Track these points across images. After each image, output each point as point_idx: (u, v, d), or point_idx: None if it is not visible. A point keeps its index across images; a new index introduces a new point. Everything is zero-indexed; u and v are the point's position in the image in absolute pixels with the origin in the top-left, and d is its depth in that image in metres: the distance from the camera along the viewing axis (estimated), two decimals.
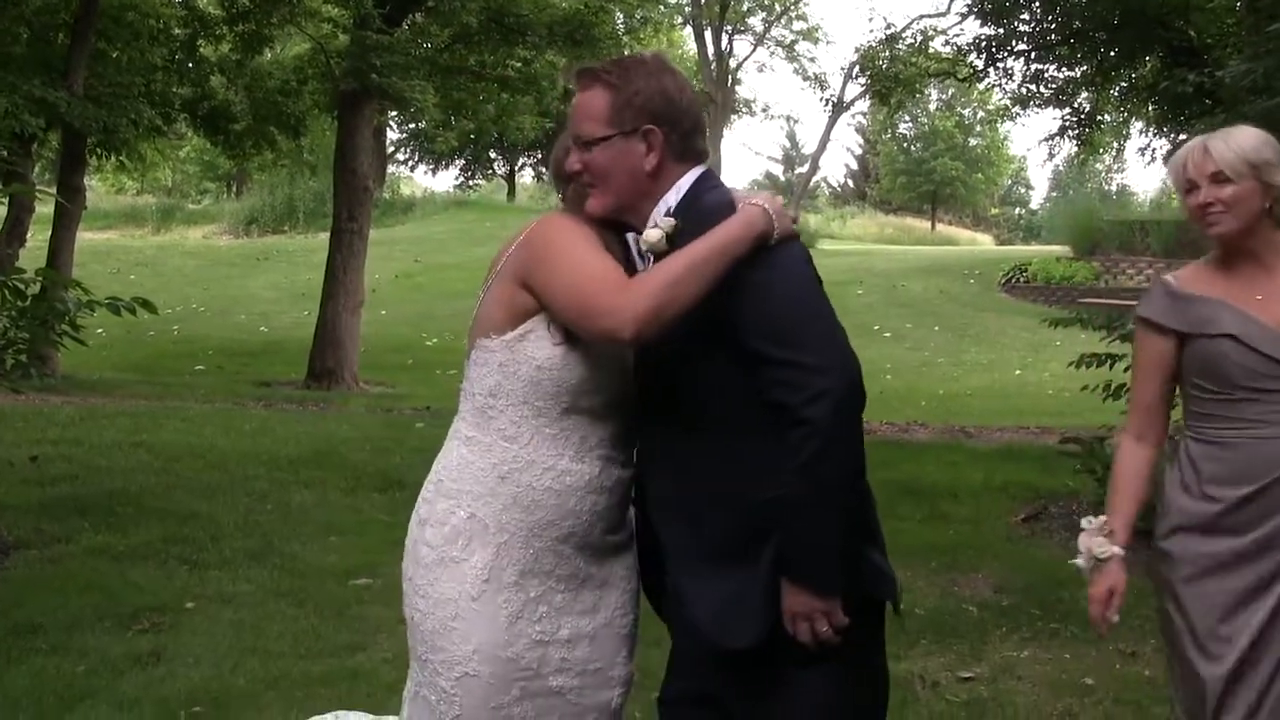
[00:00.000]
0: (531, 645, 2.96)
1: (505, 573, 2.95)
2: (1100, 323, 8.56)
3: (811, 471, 2.69)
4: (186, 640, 6.13)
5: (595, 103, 2.88)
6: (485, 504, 2.95)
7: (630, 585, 3.13)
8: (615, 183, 2.89)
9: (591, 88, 2.90)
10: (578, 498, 2.96)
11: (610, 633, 3.08)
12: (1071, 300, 26.46)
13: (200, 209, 47.74)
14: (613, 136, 2.86)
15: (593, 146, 2.88)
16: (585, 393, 2.94)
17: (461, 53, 19.80)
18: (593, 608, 3.05)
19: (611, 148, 2.86)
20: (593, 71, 2.91)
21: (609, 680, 3.08)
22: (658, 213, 2.90)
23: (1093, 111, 17.84)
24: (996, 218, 73.29)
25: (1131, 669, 6.06)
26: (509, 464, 2.95)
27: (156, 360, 20.52)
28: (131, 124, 17.24)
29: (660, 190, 2.91)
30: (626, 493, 3.07)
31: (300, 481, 9.83)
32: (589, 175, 2.91)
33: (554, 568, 2.98)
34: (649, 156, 2.88)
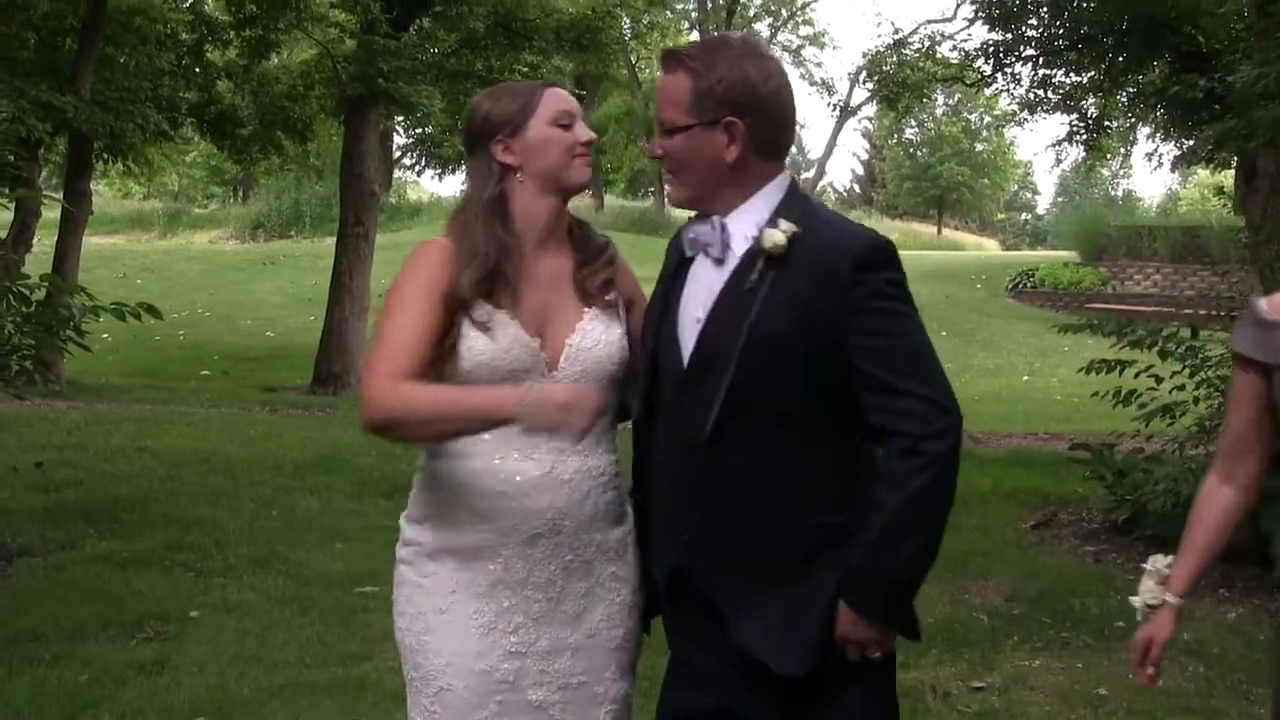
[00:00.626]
0: (507, 656, 2.89)
1: (474, 583, 2.90)
2: (1110, 329, 8.52)
3: (918, 503, 2.63)
4: (191, 649, 6.10)
5: (677, 89, 2.78)
6: (448, 520, 2.93)
7: (621, 597, 3.01)
8: (695, 173, 2.80)
9: (674, 72, 2.79)
10: (532, 498, 2.88)
11: (596, 645, 2.97)
12: (1079, 306, 26.44)
13: (206, 214, 47.76)
14: (693, 126, 2.76)
15: (674, 134, 2.79)
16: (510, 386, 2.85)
17: (468, 58, 19.76)
18: (575, 618, 2.95)
19: (692, 137, 2.76)
20: (676, 55, 2.80)
21: (595, 697, 2.97)
22: (755, 214, 2.77)
23: (1100, 117, 17.75)
24: (1003, 223, 73.17)
25: None
26: (461, 476, 2.91)
27: (162, 365, 20.50)
28: (138, 129, 17.21)
29: (745, 184, 2.80)
30: (598, 486, 2.95)
31: (306, 488, 9.80)
32: (669, 163, 2.83)
33: (527, 575, 2.90)
34: (730, 148, 2.76)
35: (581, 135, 2.96)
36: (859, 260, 2.68)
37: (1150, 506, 8.27)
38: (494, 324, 2.87)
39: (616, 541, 3.02)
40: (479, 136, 2.97)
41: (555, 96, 2.96)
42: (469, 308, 2.87)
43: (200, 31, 18.92)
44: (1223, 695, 5.80)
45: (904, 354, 2.68)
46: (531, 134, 2.93)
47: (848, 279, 2.66)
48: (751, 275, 2.73)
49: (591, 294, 2.97)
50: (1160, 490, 8.26)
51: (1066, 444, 10.92)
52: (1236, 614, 7.08)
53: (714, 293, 2.78)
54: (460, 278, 2.87)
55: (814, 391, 2.70)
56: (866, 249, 2.71)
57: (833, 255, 2.69)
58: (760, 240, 2.72)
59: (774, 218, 2.75)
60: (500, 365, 2.86)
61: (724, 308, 2.75)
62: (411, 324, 2.85)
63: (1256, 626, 6.85)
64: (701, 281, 2.82)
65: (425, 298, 2.87)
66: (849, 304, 2.66)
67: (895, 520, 2.64)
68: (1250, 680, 5.98)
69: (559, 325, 2.93)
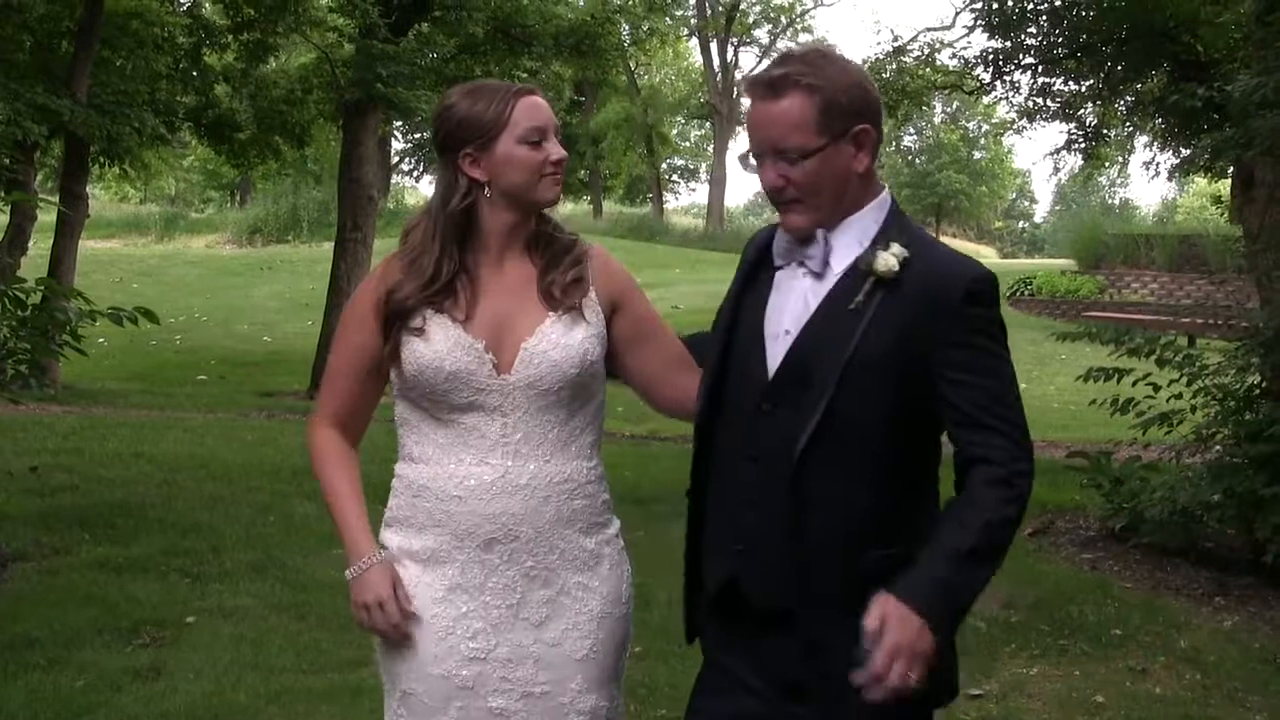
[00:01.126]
0: (465, 662, 2.88)
1: (432, 588, 2.90)
2: (1108, 337, 8.53)
3: (1001, 530, 2.58)
4: (187, 655, 6.08)
5: (798, 111, 2.62)
6: (408, 526, 2.96)
7: (589, 607, 2.96)
8: (826, 195, 2.67)
9: (787, 95, 2.63)
10: (485, 502, 2.87)
11: (561, 655, 2.92)
12: (1077, 314, 26.43)
13: (204, 218, 47.72)
14: (826, 146, 2.63)
15: (803, 160, 2.64)
16: (456, 388, 2.87)
17: (467, 63, 19.75)
18: (538, 626, 2.92)
19: (824, 157, 2.64)
20: (784, 78, 2.63)
21: (561, 708, 2.92)
22: (859, 231, 2.70)
23: (1099, 125, 17.78)
24: (1000, 231, 73.32)
25: (1142, 687, 6.01)
26: (420, 483, 2.94)
27: (158, 370, 20.48)
28: (135, 132, 17.20)
29: (860, 196, 2.72)
30: (561, 493, 2.92)
31: (303, 493, 9.77)
32: (795, 191, 2.67)
33: (484, 580, 2.89)
34: (859, 157, 2.67)
35: (552, 154, 2.92)
36: (970, 293, 2.64)
37: (1147, 514, 8.28)
38: (431, 327, 2.89)
39: (586, 551, 2.97)
40: (449, 142, 2.94)
41: (528, 109, 2.91)
42: (408, 317, 2.90)
43: (198, 35, 18.93)
44: (1219, 703, 5.80)
45: (999, 393, 2.64)
46: (500, 150, 2.89)
47: (955, 309, 2.61)
48: (857, 296, 2.64)
49: (556, 298, 2.94)
50: (1157, 498, 8.27)
51: (1064, 452, 10.93)
52: (1232, 622, 7.07)
53: (809, 307, 2.70)
54: (399, 290, 2.92)
55: (901, 420, 2.64)
56: (979, 282, 2.66)
57: (945, 284, 2.63)
58: (873, 263, 2.63)
59: (882, 238, 2.68)
60: (441, 368, 2.86)
61: (823, 324, 2.67)
62: (342, 360, 3.06)
63: (1252, 635, 6.85)
64: (793, 293, 2.73)
65: (356, 325, 3.01)
66: (949, 334, 2.61)
67: (978, 539, 2.56)
68: (1246, 688, 5.99)
69: (517, 330, 2.91)
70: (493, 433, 2.89)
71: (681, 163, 61.25)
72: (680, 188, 64.21)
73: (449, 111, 2.95)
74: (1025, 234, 77.05)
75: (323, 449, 3.04)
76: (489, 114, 2.89)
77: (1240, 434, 7.97)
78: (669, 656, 5.92)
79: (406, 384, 2.92)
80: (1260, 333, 8.02)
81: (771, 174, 2.68)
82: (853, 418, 2.62)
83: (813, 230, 2.70)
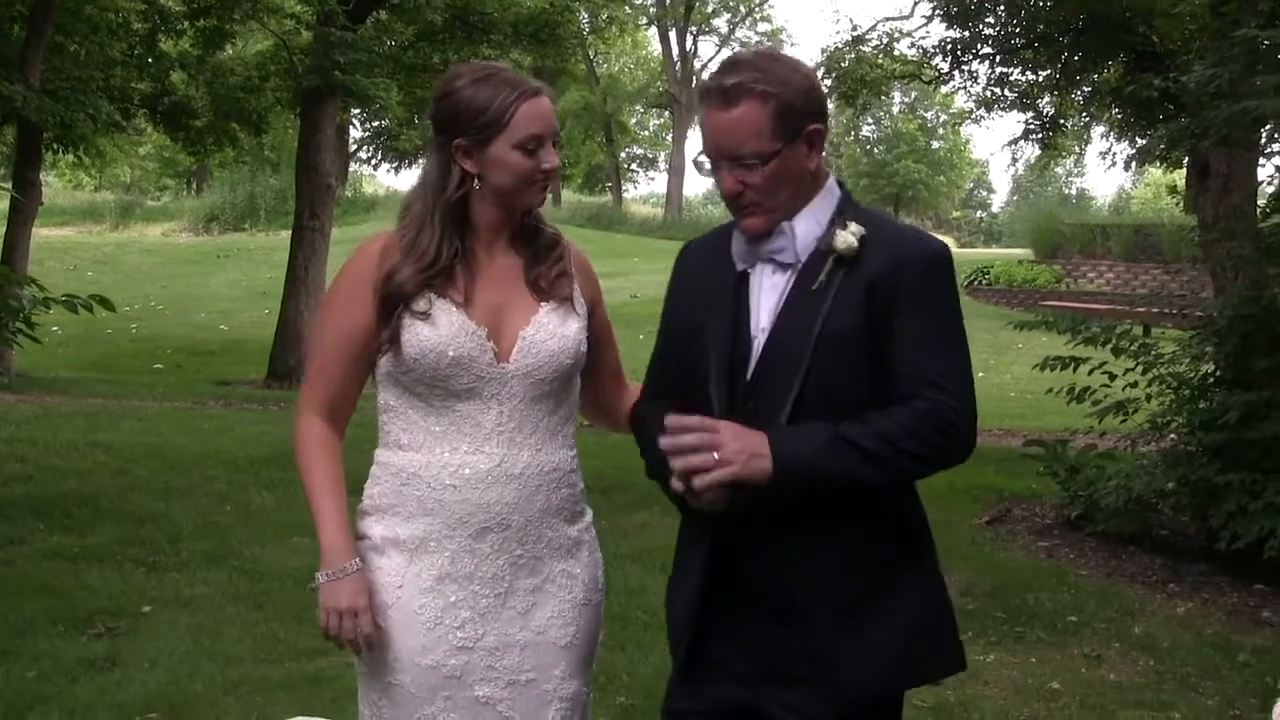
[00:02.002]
0: (453, 651, 2.87)
1: (420, 578, 2.88)
2: (1064, 326, 8.58)
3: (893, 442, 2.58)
4: (143, 645, 6.04)
5: (753, 118, 2.66)
6: (394, 514, 2.92)
7: (572, 594, 2.98)
8: (781, 196, 2.72)
9: (741, 103, 2.67)
10: (480, 490, 2.87)
11: (545, 643, 2.94)
12: (1033, 303, 26.62)
13: (160, 206, 47.34)
14: (783, 149, 2.68)
15: (762, 165, 2.68)
16: (456, 374, 2.85)
17: (425, 51, 19.68)
18: (524, 615, 2.92)
19: (782, 160, 2.69)
20: (737, 87, 2.67)
21: (544, 695, 2.94)
22: (816, 216, 2.75)
23: (1056, 115, 17.89)
24: (958, 220, 73.61)
25: (1097, 673, 6.06)
26: (407, 471, 2.90)
27: (114, 359, 20.32)
28: (89, 119, 17.00)
29: (814, 188, 2.78)
30: (551, 482, 2.93)
31: (261, 482, 9.73)
32: (753, 195, 2.71)
33: (474, 569, 2.88)
34: (811, 155, 2.75)
35: (544, 163, 2.89)
36: (929, 266, 2.70)
37: (1103, 503, 8.35)
38: (436, 312, 2.85)
39: (569, 539, 2.99)
40: (445, 127, 2.91)
41: (530, 115, 2.87)
42: (410, 300, 2.86)
43: (153, 21, 18.71)
44: (1172, 688, 5.86)
45: (952, 361, 2.69)
46: (494, 152, 2.86)
47: (915, 281, 2.67)
48: (819, 276, 2.70)
49: (544, 290, 2.95)
50: (1113, 486, 8.34)
51: (1021, 440, 11.01)
52: (1186, 608, 7.15)
53: (782, 297, 2.75)
54: (399, 271, 2.87)
55: (877, 394, 2.66)
56: (937, 255, 2.73)
57: (905, 257, 2.69)
58: (833, 242, 2.70)
59: (838, 219, 2.74)
60: (444, 352, 2.83)
61: (792, 310, 2.72)
62: (333, 343, 2.95)
63: (1205, 621, 6.93)
64: (772, 290, 2.77)
65: (349, 308, 2.92)
66: (909, 304, 2.66)
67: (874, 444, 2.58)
68: (1199, 674, 6.05)
69: (513, 319, 2.91)
70: (488, 421, 2.88)
71: (640, 152, 61.22)
72: (639, 176, 64.20)
73: (451, 97, 2.90)
74: (983, 223, 77.43)
75: (310, 443, 2.95)
76: (490, 114, 2.85)
77: (1194, 422, 8.05)
78: (626, 644, 5.94)
79: (403, 368, 2.87)
80: (1214, 322, 8.09)
81: (729, 180, 2.72)
82: (828, 393, 2.66)
83: (770, 230, 2.75)
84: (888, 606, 2.71)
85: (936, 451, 2.63)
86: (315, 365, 3.02)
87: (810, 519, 2.67)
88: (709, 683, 2.83)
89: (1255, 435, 7.35)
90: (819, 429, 2.60)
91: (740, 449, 2.56)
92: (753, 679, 2.77)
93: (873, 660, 2.68)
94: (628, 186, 61.25)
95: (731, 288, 2.80)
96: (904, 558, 2.76)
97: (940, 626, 2.81)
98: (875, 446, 2.58)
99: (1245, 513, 7.29)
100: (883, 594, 2.71)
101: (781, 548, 2.71)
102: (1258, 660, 6.24)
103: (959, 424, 2.64)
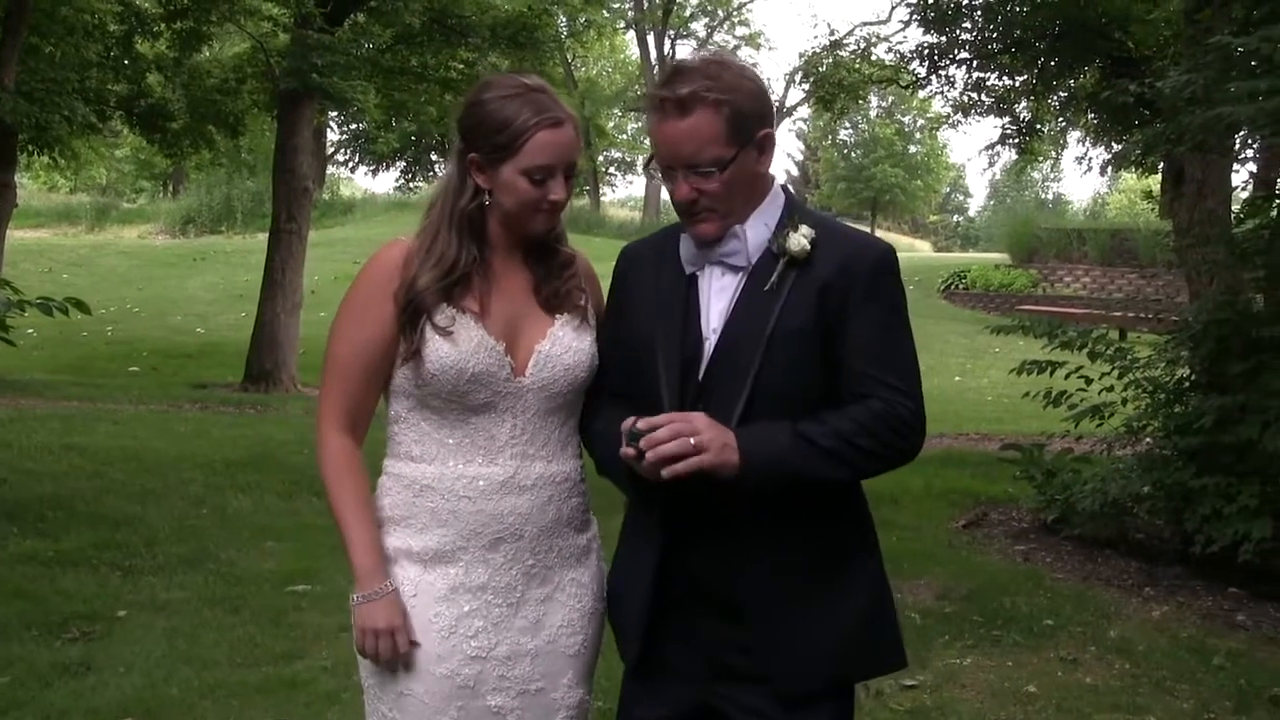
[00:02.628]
0: (467, 661, 2.87)
1: (434, 587, 2.88)
2: (1041, 330, 8.62)
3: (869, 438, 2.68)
4: (118, 649, 6.01)
5: (707, 126, 2.71)
6: (407, 526, 2.91)
7: (582, 603, 3.00)
8: (735, 200, 2.78)
9: (693, 112, 2.71)
10: (494, 502, 2.88)
11: (555, 651, 2.95)
12: (1010, 307, 26.76)
13: (136, 208, 47.17)
14: (736, 155, 2.73)
15: (719, 171, 2.73)
16: (474, 390, 2.85)
17: (403, 53, 19.64)
18: (535, 624, 2.93)
19: (736, 165, 2.74)
20: (691, 96, 2.70)
21: (553, 703, 2.95)
22: (764, 219, 2.80)
23: (1032, 120, 17.97)
24: (935, 225, 73.92)
25: (1073, 676, 6.08)
26: (420, 483, 2.90)
27: (90, 361, 20.20)
28: (65, 120, 16.93)
29: (762, 191, 2.84)
30: (562, 492, 2.95)
31: (237, 486, 9.70)
32: (708, 201, 2.76)
33: (488, 580, 2.89)
34: (762, 159, 2.80)
35: (551, 194, 2.87)
36: (877, 266, 2.77)
37: (1079, 506, 8.38)
38: (457, 328, 2.85)
39: (579, 548, 3.01)
40: (467, 137, 2.91)
41: (543, 145, 2.84)
42: (431, 312, 2.84)
43: (129, 23, 18.64)
44: (1148, 692, 5.89)
45: (900, 359, 2.76)
46: (503, 175, 2.86)
47: (865, 282, 2.73)
48: (771, 278, 2.76)
49: (557, 304, 2.96)
50: (1089, 490, 8.38)
51: (998, 444, 11.05)
52: (1161, 612, 7.18)
53: (733, 298, 2.80)
54: (419, 280, 2.85)
55: (828, 392, 2.74)
56: (884, 256, 2.80)
57: (854, 258, 2.76)
58: (785, 244, 2.76)
59: (787, 222, 2.80)
60: (465, 369, 2.83)
61: (744, 311, 2.77)
62: (353, 355, 2.91)
63: (1180, 624, 6.96)
64: (727, 293, 2.81)
65: (368, 318, 2.89)
66: (858, 304, 2.72)
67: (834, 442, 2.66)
68: (1174, 677, 6.08)
69: (528, 332, 2.92)
70: (502, 434, 2.89)
71: (618, 155, 61.21)
72: (617, 180, 64.18)
73: (476, 107, 2.89)
74: (960, 228, 77.76)
75: (338, 462, 2.91)
76: (504, 135, 2.84)
77: (1170, 426, 8.09)
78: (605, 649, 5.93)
79: (420, 381, 2.85)
80: (1189, 326, 8.13)
81: (684, 188, 2.76)
82: (779, 391, 2.72)
83: (723, 235, 2.80)
84: (833, 603, 2.78)
85: (891, 450, 2.73)
86: (334, 377, 2.94)
87: (758, 516, 2.73)
88: (664, 686, 2.87)
89: (1230, 439, 7.38)
90: (781, 428, 2.66)
91: (714, 438, 2.61)
92: (704, 677, 2.83)
93: (818, 656, 2.75)
94: (606, 190, 61.27)
95: (681, 291, 2.84)
96: (849, 555, 2.83)
97: (884, 623, 2.88)
98: (834, 444, 2.66)
99: (1220, 516, 7.33)
100: (828, 590, 2.78)
101: (729, 545, 2.76)
102: (1232, 664, 6.27)
103: (913, 424, 2.74)
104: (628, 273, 2.98)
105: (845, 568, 2.81)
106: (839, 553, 2.81)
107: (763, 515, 2.72)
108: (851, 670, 2.85)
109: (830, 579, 2.79)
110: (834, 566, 2.80)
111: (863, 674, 2.92)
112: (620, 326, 2.95)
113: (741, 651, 2.78)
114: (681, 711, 2.86)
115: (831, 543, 2.80)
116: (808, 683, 2.75)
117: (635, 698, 2.93)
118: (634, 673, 2.93)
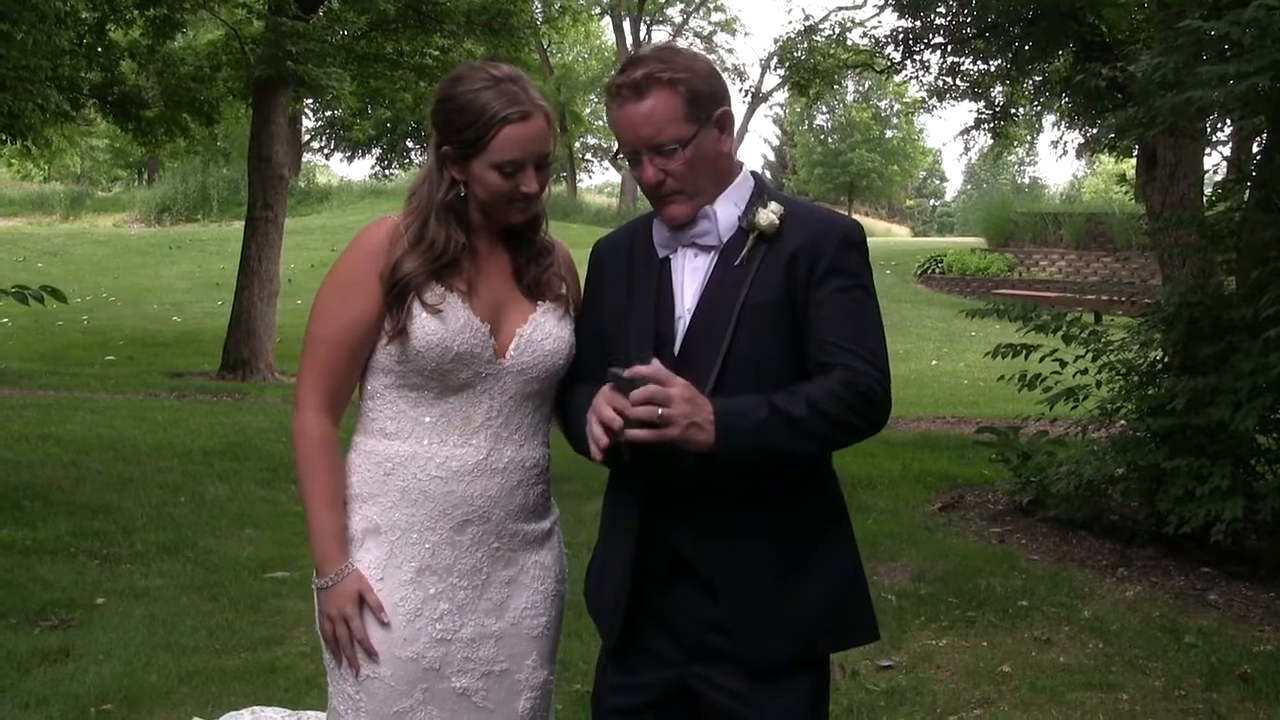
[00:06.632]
0: (433, 643, 2.89)
1: (400, 570, 2.89)
2: (1016, 314, 8.65)
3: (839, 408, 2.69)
4: (97, 636, 6.02)
5: (665, 106, 2.77)
6: (375, 504, 2.92)
7: (544, 585, 3.03)
8: (700, 180, 2.83)
9: (652, 93, 2.76)
10: (466, 483, 2.90)
11: (518, 633, 2.98)
12: (986, 291, 26.83)
13: (111, 196, 46.92)
14: (696, 133, 2.78)
15: (680, 150, 2.78)
16: (456, 369, 2.87)
17: (378, 40, 19.57)
18: (499, 606, 2.96)
19: (697, 144, 2.79)
20: (647, 78, 2.76)
21: (516, 685, 2.98)
22: (733, 199, 2.86)
23: (1007, 105, 17.99)
24: (912, 209, 73.99)
25: (1047, 656, 6.14)
26: (392, 460, 2.91)
27: (65, 350, 20.11)
28: (38, 109, 16.80)
29: (730, 171, 2.90)
30: (531, 478, 2.99)
31: (214, 474, 9.70)
32: (675, 182, 2.81)
33: (453, 562, 2.91)
34: (723, 138, 2.85)
35: (522, 186, 2.89)
36: (845, 241, 2.83)
37: (1054, 488, 8.44)
38: (445, 306, 2.87)
39: (541, 532, 3.05)
40: (438, 130, 2.92)
41: (512, 139, 2.84)
42: (420, 289, 2.86)
43: (102, 9, 18.48)
44: (1120, 670, 5.94)
45: (865, 330, 2.79)
46: (474, 168, 2.88)
47: (832, 255, 2.79)
48: (742, 252, 2.82)
49: (539, 291, 2.99)
50: (1063, 472, 8.43)
51: (974, 427, 11.10)
52: (1134, 592, 7.24)
53: (705, 277, 2.85)
54: (405, 259, 2.87)
55: (799, 363, 2.78)
56: (852, 231, 2.86)
57: (822, 233, 2.82)
58: (755, 220, 2.82)
59: (755, 201, 2.85)
60: (450, 347, 2.85)
61: (715, 287, 2.83)
62: (335, 334, 2.90)
63: (1153, 603, 7.02)
64: (700, 273, 2.86)
65: (352, 297, 2.89)
66: (826, 277, 2.78)
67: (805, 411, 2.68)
68: (1146, 655, 6.14)
69: (511, 316, 2.95)
70: (478, 415, 2.92)
71: (595, 141, 61.11)
72: (593, 166, 64.07)
73: (446, 101, 2.90)
74: (936, 213, 77.83)
75: (313, 446, 2.90)
76: (472, 130, 2.85)
77: (1143, 408, 8.14)
78: (583, 632, 5.94)
79: (404, 358, 2.86)
80: (1162, 309, 8.18)
81: (650, 170, 2.81)
82: (751, 361, 2.78)
83: (694, 216, 2.85)
84: (802, 575, 2.82)
85: (860, 419, 2.74)
86: (315, 357, 2.92)
87: (730, 489, 2.76)
88: (641, 668, 2.91)
89: (1201, 421, 7.44)
90: (757, 403, 2.68)
91: (683, 414, 2.62)
92: (680, 657, 2.86)
93: (786, 628, 2.79)
94: (582, 176, 61.20)
95: (655, 273, 2.89)
96: (820, 530, 2.88)
97: (854, 595, 2.92)
98: (804, 413, 2.67)
99: (1192, 497, 7.39)
100: (797, 563, 2.82)
101: (703, 517, 2.79)
102: (1203, 642, 6.33)
103: (880, 392, 2.75)
104: (602, 263, 3.02)
105: (815, 541, 2.85)
106: (809, 526, 2.85)
107: (735, 487, 2.75)
108: (820, 641, 2.88)
109: (800, 552, 2.82)
110: (804, 540, 2.83)
111: (832, 645, 2.93)
112: (596, 313, 2.99)
113: (717, 630, 2.81)
114: (658, 698, 2.89)
115: (802, 516, 2.84)
116: (775, 654, 2.79)
117: (613, 686, 2.96)
118: (612, 656, 2.96)
